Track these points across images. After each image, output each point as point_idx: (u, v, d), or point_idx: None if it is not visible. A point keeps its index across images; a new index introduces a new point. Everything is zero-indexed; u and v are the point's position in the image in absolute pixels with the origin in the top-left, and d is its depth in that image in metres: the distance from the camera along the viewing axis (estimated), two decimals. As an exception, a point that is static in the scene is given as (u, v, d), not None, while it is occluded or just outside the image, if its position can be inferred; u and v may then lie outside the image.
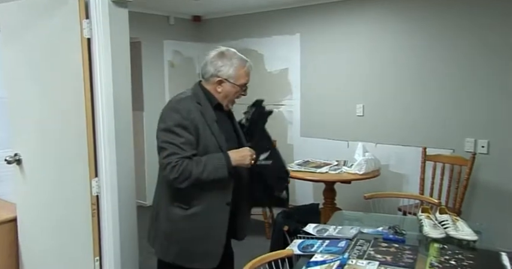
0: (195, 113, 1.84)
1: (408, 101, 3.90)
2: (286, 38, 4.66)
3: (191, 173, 1.78)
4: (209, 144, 1.86)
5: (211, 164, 1.81)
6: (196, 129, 1.83)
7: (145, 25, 4.82)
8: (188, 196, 1.87)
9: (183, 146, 1.80)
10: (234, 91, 1.93)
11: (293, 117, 4.72)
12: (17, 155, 2.58)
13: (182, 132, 1.81)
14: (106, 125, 2.29)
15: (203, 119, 1.86)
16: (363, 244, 1.84)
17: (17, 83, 2.55)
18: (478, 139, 3.56)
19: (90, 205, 2.30)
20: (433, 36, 3.73)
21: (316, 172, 3.53)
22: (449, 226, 1.90)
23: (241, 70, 1.91)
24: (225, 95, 1.93)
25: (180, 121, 1.81)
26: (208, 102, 1.91)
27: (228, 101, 1.96)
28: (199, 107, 1.87)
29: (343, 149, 4.24)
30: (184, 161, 1.78)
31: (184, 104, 1.86)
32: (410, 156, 3.86)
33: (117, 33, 2.30)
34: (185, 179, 1.79)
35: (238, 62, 1.92)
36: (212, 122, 1.88)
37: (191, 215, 1.88)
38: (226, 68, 1.90)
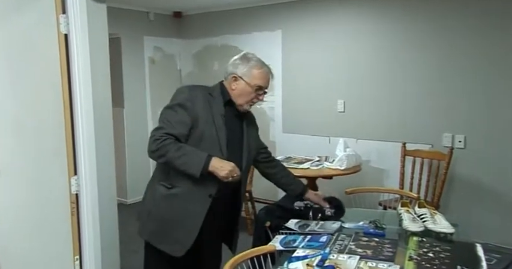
0: (201, 100, 1.90)
1: (388, 98, 3.95)
2: (267, 34, 4.66)
3: (167, 152, 1.82)
4: (206, 132, 1.88)
5: (189, 158, 1.83)
6: (196, 114, 1.87)
7: (125, 21, 4.75)
8: (174, 176, 1.92)
9: (174, 124, 1.85)
10: (248, 91, 1.96)
11: (275, 114, 4.73)
12: (-8, 154, 2.51)
13: (180, 110, 1.87)
14: (85, 123, 2.25)
15: (209, 108, 1.91)
16: (344, 238, 1.85)
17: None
18: (455, 134, 3.63)
19: (69, 203, 2.27)
20: (411, 34, 3.78)
21: (298, 168, 3.56)
22: (428, 220, 1.93)
23: (256, 71, 1.96)
24: (239, 93, 1.96)
25: (183, 101, 1.88)
26: (221, 96, 1.96)
27: (242, 101, 1.98)
28: (209, 97, 1.94)
29: (325, 145, 4.28)
30: (167, 139, 1.82)
31: (194, 90, 1.94)
32: (390, 151, 3.92)
33: (95, 29, 2.26)
34: (161, 155, 1.84)
35: (255, 63, 1.98)
36: (217, 114, 1.92)
37: (172, 195, 1.93)
38: (243, 66, 1.96)
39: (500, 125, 3.43)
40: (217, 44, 5.04)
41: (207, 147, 1.89)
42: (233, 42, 4.91)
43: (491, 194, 3.51)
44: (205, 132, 1.89)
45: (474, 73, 3.52)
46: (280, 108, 4.68)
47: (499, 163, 3.46)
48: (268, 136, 4.75)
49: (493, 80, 3.44)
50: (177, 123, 1.86)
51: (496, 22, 3.38)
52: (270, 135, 4.76)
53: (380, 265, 1.57)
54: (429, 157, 3.62)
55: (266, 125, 4.77)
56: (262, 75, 1.98)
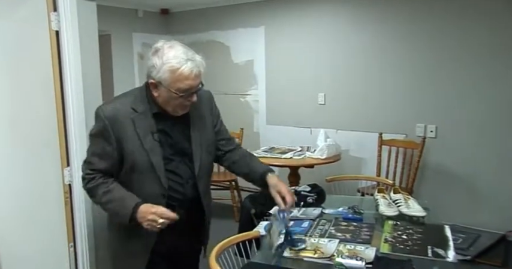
0: (122, 122, 1.51)
1: (366, 91, 3.99)
2: (251, 30, 4.64)
3: (93, 197, 1.57)
4: (137, 160, 1.52)
5: (116, 208, 1.51)
6: (119, 142, 1.51)
7: (114, 18, 4.68)
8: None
9: (99, 157, 1.54)
10: (174, 97, 1.49)
11: (259, 107, 4.74)
12: (-13, 147, 2.47)
13: (100, 141, 1.53)
14: (76, 116, 2.22)
15: (134, 130, 1.51)
16: (324, 223, 1.88)
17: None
18: (427, 124, 3.69)
19: (63, 193, 2.25)
20: (385, 31, 3.82)
21: (281, 158, 3.58)
22: (402, 204, 1.97)
23: (173, 74, 1.45)
24: (163, 100, 1.52)
25: (101, 130, 1.52)
26: (148, 108, 1.54)
27: (171, 108, 1.54)
28: (132, 114, 1.52)
29: (307, 136, 4.30)
30: (93, 179, 1.54)
31: (109, 111, 1.52)
32: (368, 141, 3.96)
33: (85, 26, 2.22)
34: (92, 198, 1.60)
35: (170, 63, 1.45)
36: (146, 134, 1.52)
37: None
38: (157, 69, 1.47)
39: (468, 116, 3.51)
40: (203, 39, 5.00)
41: (141, 178, 1.54)
42: (219, 38, 4.88)
43: (459, 180, 3.59)
44: (136, 161, 1.52)
45: (444, 67, 3.57)
46: (264, 101, 4.69)
47: (466, 152, 3.54)
48: (253, 128, 4.76)
49: (461, 74, 3.50)
50: (102, 155, 1.53)
51: (464, 17, 3.43)
52: (254, 127, 4.77)
53: (358, 247, 1.61)
54: (404, 146, 3.68)
55: (250, 117, 4.78)
56: (183, 76, 1.46)
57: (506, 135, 3.36)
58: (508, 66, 3.30)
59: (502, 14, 3.27)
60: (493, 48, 3.35)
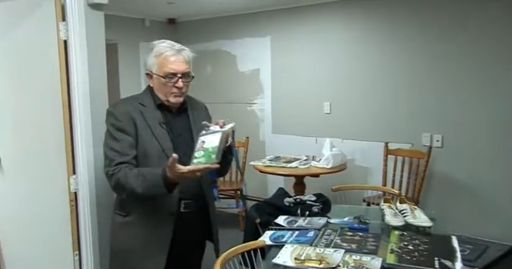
0: (133, 114, 1.66)
1: (372, 99, 3.99)
2: (257, 40, 4.67)
3: (126, 184, 1.58)
4: (149, 147, 1.64)
5: (148, 180, 1.56)
6: (135, 127, 1.65)
7: (122, 27, 4.72)
8: (126, 201, 1.71)
9: (121, 151, 1.62)
10: (162, 82, 1.66)
11: (265, 115, 4.74)
12: (-5, 154, 2.50)
13: (119, 135, 1.64)
14: (83, 124, 2.24)
15: (144, 120, 1.66)
16: (330, 233, 1.87)
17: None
18: (433, 133, 3.67)
19: (68, 201, 2.26)
20: (391, 40, 3.82)
21: (286, 167, 3.57)
22: (408, 215, 1.96)
23: (158, 58, 1.66)
24: (157, 88, 1.70)
25: (115, 123, 1.65)
26: (152, 101, 1.71)
27: (164, 96, 1.69)
28: (141, 108, 1.69)
29: (312, 145, 4.28)
30: (121, 170, 1.59)
31: (120, 107, 1.70)
32: (373, 150, 3.94)
33: (93, 35, 2.25)
34: (122, 190, 1.62)
35: (157, 50, 1.67)
36: (155, 124, 1.67)
37: (127, 223, 1.71)
38: (148, 59, 1.69)
39: (475, 125, 3.48)
40: (210, 49, 5.03)
41: (155, 163, 1.63)
42: (225, 48, 4.91)
43: (465, 190, 3.56)
44: (148, 148, 1.64)
45: (451, 77, 3.56)
46: (269, 110, 4.69)
47: (473, 161, 3.51)
48: (259, 136, 4.76)
49: (467, 84, 3.49)
50: (123, 148, 1.62)
51: (468, 26, 3.43)
52: (260, 135, 4.77)
53: (364, 257, 1.59)
54: (409, 156, 3.65)
55: (256, 126, 4.79)
56: (167, 60, 1.64)
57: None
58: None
59: (503, 21, 3.27)
60: (498, 58, 3.33)
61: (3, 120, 2.45)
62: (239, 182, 4.21)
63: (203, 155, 1.52)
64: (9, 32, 2.32)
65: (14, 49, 2.33)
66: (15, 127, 2.41)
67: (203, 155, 1.52)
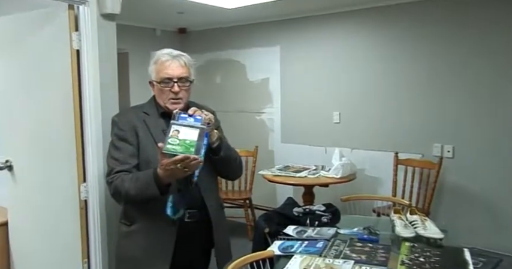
0: (135, 122, 1.70)
1: (382, 109, 3.98)
2: (267, 49, 4.70)
3: (122, 188, 1.61)
4: (151, 155, 1.63)
5: (141, 181, 1.57)
6: (137, 136, 1.68)
7: (133, 37, 4.80)
8: (130, 211, 1.74)
9: (123, 159, 1.66)
10: (160, 89, 1.70)
11: (274, 125, 4.75)
12: (8, 161, 2.54)
13: (121, 144, 1.68)
14: (94, 133, 2.27)
15: (147, 129, 1.70)
16: (339, 244, 1.85)
17: (9, 92, 2.51)
18: (444, 144, 3.64)
19: (78, 209, 2.27)
20: (404, 48, 3.82)
21: (296, 176, 3.56)
22: (419, 226, 1.93)
23: (157, 64, 1.71)
24: (157, 96, 1.74)
25: (118, 133, 1.71)
26: (156, 110, 1.75)
27: (163, 102, 1.72)
28: (144, 116, 1.73)
29: (321, 155, 4.28)
30: (119, 177, 1.62)
31: (124, 116, 1.76)
32: (383, 160, 3.92)
33: (105, 45, 2.29)
34: (119, 196, 1.64)
35: (156, 57, 1.72)
36: (157, 132, 1.68)
37: (131, 232, 1.73)
38: (149, 67, 1.74)
39: (486, 135, 3.45)
40: (219, 58, 5.08)
41: None
42: (235, 57, 4.96)
43: (478, 202, 3.51)
44: (150, 155, 1.64)
45: (462, 86, 3.54)
46: (279, 119, 4.70)
47: (485, 172, 3.46)
48: (268, 146, 4.76)
49: (478, 93, 3.47)
50: (123, 157, 1.66)
51: (481, 35, 3.42)
52: (269, 145, 4.77)
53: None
54: (420, 166, 3.62)
55: (265, 135, 4.79)
56: (162, 65, 1.68)
57: (526, 156, 3.29)
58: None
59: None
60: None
61: (17, 129, 2.50)
62: (248, 191, 4.21)
63: (178, 144, 1.47)
64: (25, 42, 2.38)
65: (29, 59, 2.38)
66: (28, 135, 2.45)
67: (179, 144, 1.47)
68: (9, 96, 2.52)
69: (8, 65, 2.50)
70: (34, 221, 2.48)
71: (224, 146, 1.69)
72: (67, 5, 2.16)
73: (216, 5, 3.84)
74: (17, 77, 2.46)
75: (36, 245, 2.49)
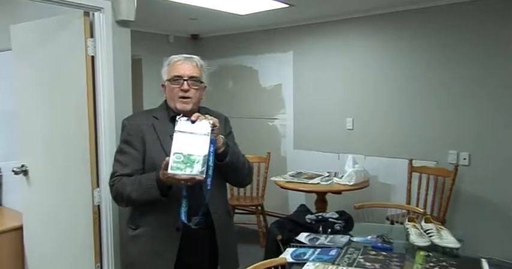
0: (144, 127, 1.72)
1: (395, 116, 3.95)
2: (279, 55, 4.71)
3: (123, 191, 1.63)
4: (158, 160, 1.62)
5: (143, 184, 1.60)
6: (143, 142, 1.70)
7: (146, 43, 4.86)
8: (137, 215, 1.75)
9: (126, 163, 1.69)
10: (171, 88, 1.72)
11: (286, 131, 4.74)
12: (24, 166, 2.58)
13: (127, 148, 1.71)
14: (108, 138, 2.30)
15: (155, 133, 1.71)
16: (352, 252, 1.84)
17: (27, 97, 2.57)
18: (460, 151, 3.59)
19: (92, 214, 2.30)
20: (419, 54, 3.79)
21: (308, 183, 3.55)
22: (434, 235, 1.91)
23: (169, 65, 1.75)
24: (168, 96, 1.75)
25: (125, 137, 1.74)
26: (166, 114, 1.76)
27: (173, 102, 1.72)
28: (153, 120, 1.75)
29: (334, 161, 4.26)
30: (121, 180, 1.66)
31: (133, 120, 1.79)
32: (397, 167, 3.88)
33: (119, 51, 2.33)
34: (120, 198, 1.67)
35: (168, 60, 1.77)
36: (165, 137, 1.67)
37: (135, 236, 1.74)
38: (162, 70, 1.78)
39: (504, 143, 3.39)
40: (232, 64, 5.11)
41: None
42: (247, 63, 4.98)
43: (495, 210, 3.44)
44: (157, 160, 1.63)
45: (479, 92, 3.50)
46: (291, 125, 4.70)
47: (502, 180, 3.40)
48: (280, 152, 4.76)
49: (497, 99, 3.42)
50: (128, 161, 1.69)
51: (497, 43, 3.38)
52: (282, 151, 4.77)
53: (388, 278, 1.55)
54: (435, 174, 3.58)
55: (278, 141, 4.79)
56: (174, 65, 1.73)
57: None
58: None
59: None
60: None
61: (33, 134, 2.55)
62: (260, 197, 4.20)
63: (183, 161, 1.45)
64: (41, 48, 2.43)
65: (45, 65, 2.43)
66: (44, 140, 2.49)
67: (183, 162, 1.45)
68: (26, 102, 2.57)
69: (25, 71, 2.56)
70: (48, 225, 2.51)
71: (230, 152, 1.67)
72: (82, 11, 2.21)
73: (229, 11, 3.87)
74: (33, 83, 2.51)
75: (50, 249, 2.52)
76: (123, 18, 2.29)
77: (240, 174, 1.79)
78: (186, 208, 1.60)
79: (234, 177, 1.81)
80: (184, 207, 1.60)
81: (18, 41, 2.57)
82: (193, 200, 1.61)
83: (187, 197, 1.60)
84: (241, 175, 1.80)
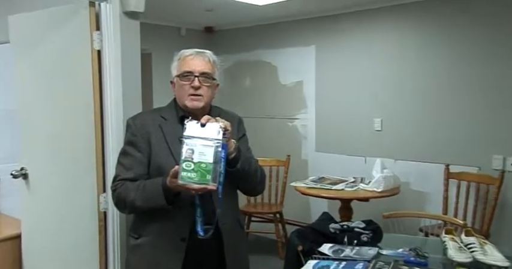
0: (150, 128, 1.72)
1: (430, 115, 3.88)
2: (300, 49, 4.70)
3: (126, 197, 1.64)
4: (164, 164, 1.64)
5: (148, 190, 1.61)
6: (149, 144, 1.70)
7: (156, 37, 4.89)
8: (138, 223, 1.76)
9: (129, 166, 1.70)
10: (180, 84, 1.72)
11: (308, 132, 4.73)
12: (24, 169, 2.59)
13: (131, 150, 1.72)
14: (115, 139, 2.30)
15: (162, 135, 1.71)
16: (382, 266, 1.80)
17: (28, 95, 2.58)
18: (507, 156, 3.49)
19: (97, 221, 2.31)
20: (459, 47, 3.71)
21: (331, 189, 3.55)
22: (477, 250, 1.85)
23: (179, 60, 1.76)
24: (177, 94, 1.76)
25: (130, 138, 1.74)
26: (175, 114, 1.76)
27: (183, 99, 1.72)
28: (161, 120, 1.75)
29: (360, 165, 4.22)
30: (124, 184, 1.67)
31: (139, 119, 1.78)
32: (432, 173, 3.82)
33: (128, 45, 2.33)
34: (123, 204, 1.69)
35: (178, 55, 1.78)
36: (173, 139, 1.68)
37: (137, 246, 1.74)
38: (172, 66, 1.79)
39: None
40: (249, 59, 5.11)
41: None
42: (266, 58, 4.98)
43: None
44: (163, 164, 1.65)
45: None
46: (313, 125, 4.68)
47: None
48: (301, 155, 4.74)
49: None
50: (131, 164, 1.70)
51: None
52: (302, 154, 4.76)
53: (422, 296, 1.52)
54: (476, 181, 3.49)
55: (298, 143, 4.78)
56: (185, 60, 1.73)
57: None
58: None
59: None
60: None
61: (34, 134, 2.57)
62: (279, 204, 4.19)
63: (193, 169, 1.47)
64: (43, 42, 2.45)
65: (47, 60, 2.45)
66: (45, 141, 2.52)
67: (193, 169, 1.47)
68: (26, 99, 2.59)
69: (25, 66, 2.56)
70: (49, 233, 2.53)
71: (242, 158, 1.66)
72: (87, 2, 2.22)
73: (246, 2, 3.87)
74: (34, 79, 2.53)
75: (51, 260, 2.54)
76: (131, 10, 2.29)
77: (251, 182, 1.78)
78: (201, 218, 1.61)
79: (245, 185, 1.80)
80: (200, 216, 1.60)
81: (17, 33, 2.57)
82: (203, 209, 1.62)
83: (201, 206, 1.60)
84: (252, 183, 1.79)
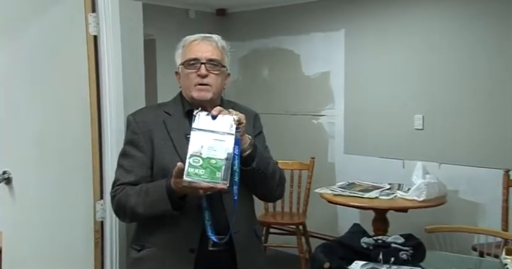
0: (152, 125, 1.76)
1: (482, 111, 3.84)
2: (327, 35, 4.69)
3: (126, 203, 1.67)
4: (169, 164, 1.64)
5: (151, 195, 1.64)
6: (151, 144, 1.73)
7: (161, 20, 4.90)
8: (141, 234, 1.79)
9: (130, 169, 1.73)
10: (186, 73, 1.75)
11: (335, 131, 4.73)
12: (6, 173, 2.56)
13: (131, 150, 1.76)
14: (114, 137, 2.30)
15: (166, 133, 1.74)
16: (426, 290, 1.77)
17: (9, 87, 2.56)
18: None
19: (93, 232, 2.32)
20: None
21: (363, 197, 3.54)
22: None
23: (184, 46, 1.80)
24: (183, 85, 1.79)
25: (130, 137, 1.78)
26: (181, 108, 1.80)
27: (189, 90, 1.75)
28: (165, 116, 1.78)
29: (398, 170, 4.21)
30: (124, 189, 1.69)
31: (140, 115, 1.82)
32: (487, 180, 3.76)
33: (128, 30, 2.34)
34: (123, 212, 1.72)
35: (183, 41, 1.82)
36: (179, 136, 1.71)
37: (140, 259, 1.76)
38: (176, 54, 1.83)
39: None
40: (268, 47, 5.11)
41: None
42: (287, 45, 4.97)
43: None
44: (168, 164, 1.66)
45: None
46: (342, 123, 4.68)
47: None
48: (327, 157, 4.75)
49: None
50: (132, 166, 1.73)
51: None
52: (329, 156, 4.76)
53: None
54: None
55: (324, 143, 4.78)
56: (190, 46, 1.76)
57: None
58: None
59: None
60: None
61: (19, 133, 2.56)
62: (301, 214, 4.18)
63: (202, 165, 1.50)
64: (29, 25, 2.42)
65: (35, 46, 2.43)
66: (32, 141, 2.52)
67: (202, 166, 1.50)
68: (11, 90, 2.56)
69: (8, 53, 2.52)
70: (36, 247, 2.53)
71: (258, 156, 1.68)
72: (82, -21, 2.22)
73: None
74: (20, 68, 2.51)
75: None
76: (133, -12, 2.30)
77: (268, 184, 1.79)
78: (210, 221, 1.62)
79: (261, 188, 1.80)
80: (208, 220, 1.62)
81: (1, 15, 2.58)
82: (213, 213, 1.65)
83: (209, 208, 1.63)
84: (269, 186, 1.80)
